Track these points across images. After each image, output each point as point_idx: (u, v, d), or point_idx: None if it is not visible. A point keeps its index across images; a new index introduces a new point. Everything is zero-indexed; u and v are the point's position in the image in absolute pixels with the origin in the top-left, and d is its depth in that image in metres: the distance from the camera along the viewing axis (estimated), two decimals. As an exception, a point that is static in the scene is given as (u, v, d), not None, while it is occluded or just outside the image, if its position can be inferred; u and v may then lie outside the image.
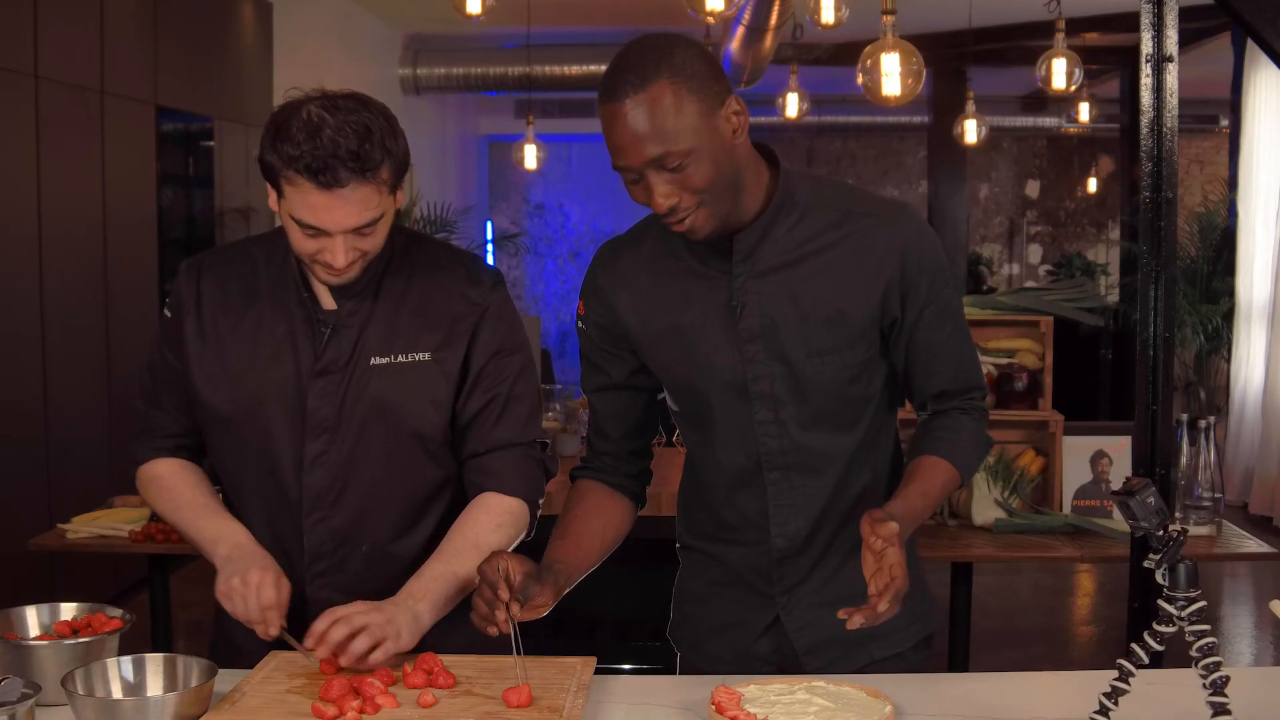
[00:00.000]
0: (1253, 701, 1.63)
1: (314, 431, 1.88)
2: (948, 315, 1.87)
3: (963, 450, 1.88)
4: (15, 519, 4.64)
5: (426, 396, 1.90)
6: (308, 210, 1.74)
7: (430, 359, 1.90)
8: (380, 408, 1.88)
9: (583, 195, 13.09)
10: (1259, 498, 7.43)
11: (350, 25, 8.50)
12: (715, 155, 1.71)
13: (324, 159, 1.71)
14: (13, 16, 4.91)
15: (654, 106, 1.67)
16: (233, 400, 1.90)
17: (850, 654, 1.90)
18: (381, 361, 1.89)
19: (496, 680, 1.71)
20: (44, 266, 5.11)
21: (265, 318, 1.91)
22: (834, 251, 1.83)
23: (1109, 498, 3.47)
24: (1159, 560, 1.46)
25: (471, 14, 5.11)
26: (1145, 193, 2.59)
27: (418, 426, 1.90)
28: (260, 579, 1.79)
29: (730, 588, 1.96)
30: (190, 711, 1.58)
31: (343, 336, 1.89)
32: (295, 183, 1.73)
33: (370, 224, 1.78)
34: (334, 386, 1.88)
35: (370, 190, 1.75)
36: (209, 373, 1.91)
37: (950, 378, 1.90)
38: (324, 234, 1.76)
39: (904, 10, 4.92)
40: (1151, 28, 2.53)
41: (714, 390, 1.86)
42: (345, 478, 1.89)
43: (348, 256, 1.79)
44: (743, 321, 1.83)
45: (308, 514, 1.89)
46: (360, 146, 1.72)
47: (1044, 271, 13.29)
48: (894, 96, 4.58)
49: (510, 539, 1.91)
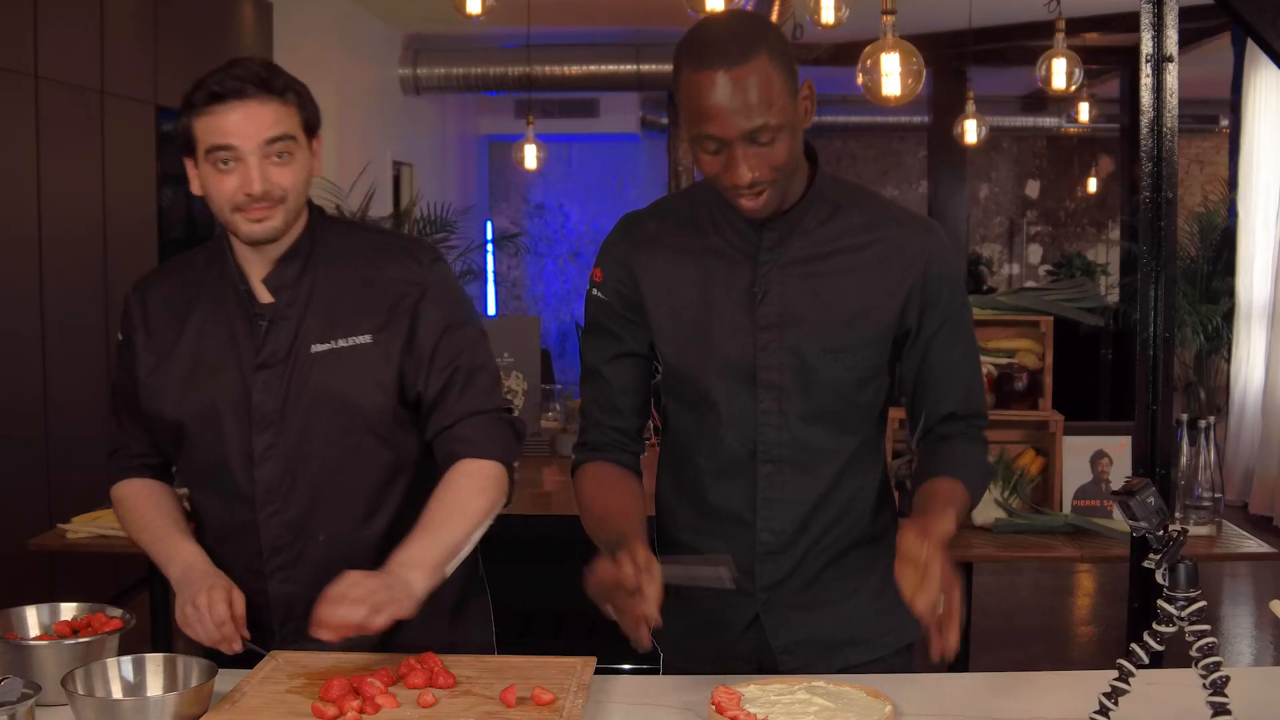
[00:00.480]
0: (1253, 701, 1.63)
1: (260, 425, 1.89)
2: (962, 335, 1.88)
3: (974, 477, 1.88)
4: (15, 519, 4.64)
5: (370, 379, 1.90)
6: (218, 132, 1.80)
7: (371, 341, 1.90)
8: (324, 395, 1.89)
9: (583, 195, 13.09)
10: (1259, 498, 7.43)
11: (350, 25, 8.50)
12: (795, 134, 1.73)
13: (230, 80, 1.80)
14: (13, 16, 4.91)
15: (757, 76, 1.66)
16: (182, 407, 1.92)
17: (826, 657, 1.90)
18: (322, 348, 1.90)
19: (496, 680, 1.71)
20: (44, 266, 5.11)
21: (208, 322, 1.94)
22: (861, 254, 1.84)
23: (1109, 498, 3.47)
24: (1159, 560, 1.46)
25: (471, 14, 5.11)
26: (1145, 193, 2.59)
27: (363, 410, 1.90)
28: (209, 599, 1.80)
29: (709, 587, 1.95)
30: (190, 711, 1.58)
31: (281, 328, 1.90)
32: (205, 113, 1.81)
33: (281, 142, 1.82)
34: (276, 379, 1.89)
35: (278, 106, 1.82)
36: (160, 385, 1.94)
37: (961, 400, 1.89)
38: (238, 159, 1.81)
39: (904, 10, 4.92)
40: (1151, 28, 2.53)
41: (719, 373, 1.85)
42: (295, 469, 1.90)
43: (264, 184, 1.81)
44: (762, 309, 1.83)
45: (260, 508, 1.91)
46: (266, 72, 1.82)
47: (1044, 271, 13.29)
48: (894, 96, 4.57)
49: (493, 502, 1.91)
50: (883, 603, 1.93)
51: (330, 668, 1.75)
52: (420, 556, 1.81)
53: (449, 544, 1.84)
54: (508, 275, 13.02)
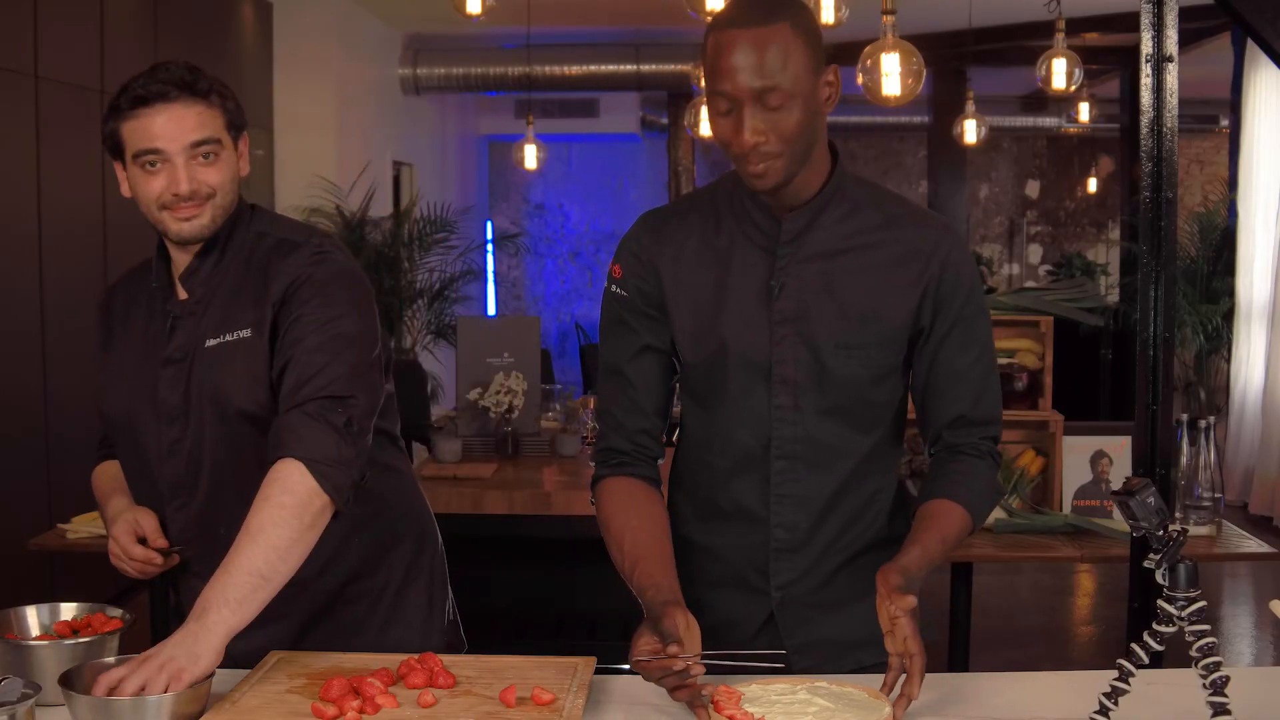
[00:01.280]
0: (1253, 701, 1.63)
1: (165, 420, 1.93)
2: (975, 339, 1.87)
3: (979, 499, 1.86)
4: (15, 519, 4.64)
5: (245, 373, 1.89)
6: (145, 136, 1.83)
7: (251, 335, 1.90)
8: (214, 390, 1.91)
9: (583, 195, 13.08)
10: (1259, 498, 7.43)
11: (350, 25, 8.50)
12: (809, 110, 1.75)
13: (154, 84, 1.82)
14: (13, 16, 4.91)
15: (774, 40, 1.71)
16: (113, 402, 2.00)
17: (838, 658, 1.90)
18: (214, 343, 1.92)
19: (496, 680, 1.71)
20: (44, 266, 5.11)
21: (138, 322, 2.01)
22: (878, 251, 1.84)
23: (1109, 498, 3.47)
24: (1159, 560, 1.46)
25: (471, 14, 5.11)
26: (1145, 193, 2.59)
27: (240, 404, 1.89)
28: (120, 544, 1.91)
29: (725, 587, 1.94)
30: (187, 710, 1.58)
31: (187, 324, 1.94)
32: (132, 117, 1.83)
33: (207, 144, 1.84)
34: (179, 374, 1.92)
35: (203, 109, 1.85)
36: (103, 383, 2.03)
37: (970, 404, 1.87)
38: (165, 160, 1.83)
39: (904, 10, 4.92)
40: (1151, 28, 2.53)
41: (735, 367, 1.86)
42: (197, 463, 1.93)
43: (191, 184, 1.84)
44: (778, 303, 1.83)
45: (168, 502, 1.95)
46: (189, 74, 1.84)
47: (1044, 271, 13.29)
48: (894, 96, 4.57)
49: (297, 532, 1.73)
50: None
51: (330, 668, 1.75)
52: (225, 594, 1.68)
53: (258, 575, 1.70)
54: (508, 275, 13.02)
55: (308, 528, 1.75)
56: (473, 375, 4.26)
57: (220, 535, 1.90)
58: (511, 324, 4.54)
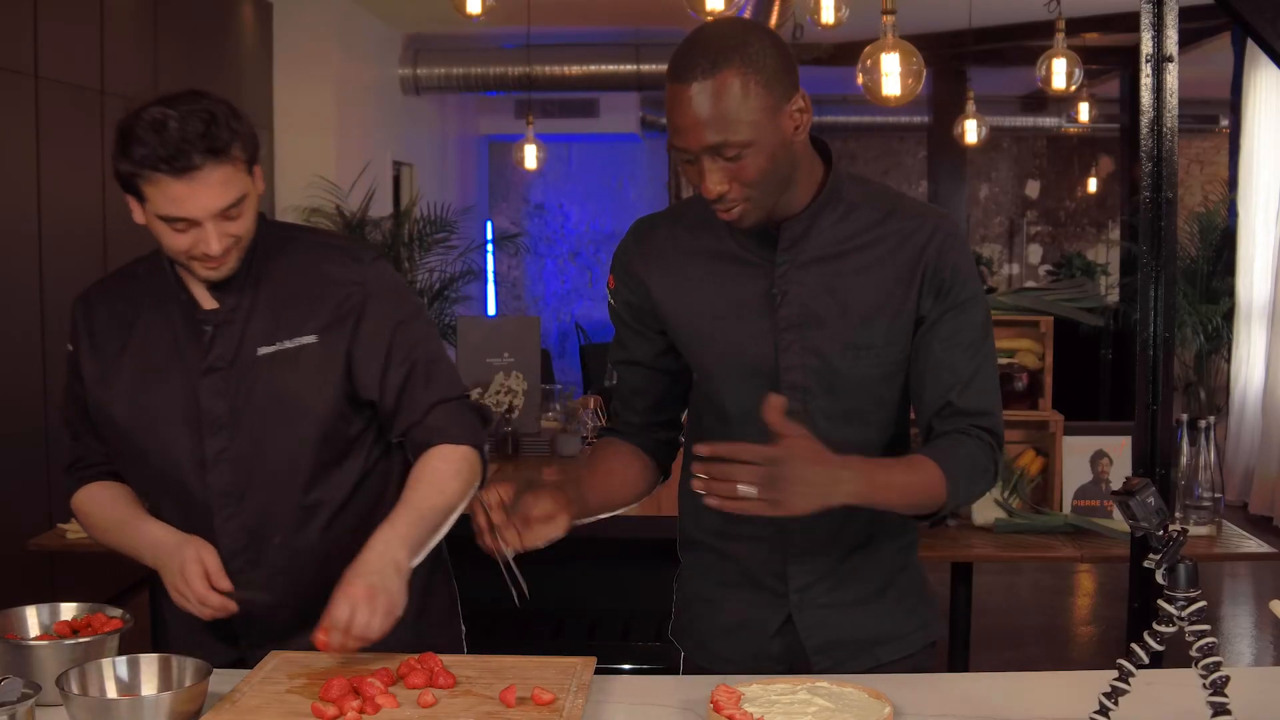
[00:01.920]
0: (1253, 701, 1.63)
1: (211, 429, 1.90)
2: (967, 327, 1.82)
3: (953, 465, 1.77)
4: (15, 519, 4.64)
5: (317, 378, 1.91)
6: (170, 203, 1.78)
7: (316, 341, 1.91)
8: (274, 396, 1.90)
9: (583, 195, 13.08)
10: (1259, 498, 7.42)
11: (350, 25, 8.50)
12: (773, 150, 1.70)
13: (174, 147, 1.75)
14: (13, 16, 4.91)
15: (720, 93, 1.65)
16: (129, 413, 1.93)
17: (857, 656, 1.90)
18: (269, 350, 1.90)
19: (496, 680, 1.71)
20: (44, 266, 5.11)
21: (151, 330, 1.94)
22: (875, 250, 1.82)
23: (1109, 498, 3.46)
24: (1159, 560, 1.46)
25: (471, 14, 5.11)
26: (1145, 193, 2.59)
27: (311, 409, 1.91)
28: (184, 572, 1.83)
29: (740, 588, 1.94)
30: (185, 710, 1.58)
31: (226, 333, 1.91)
32: (153, 180, 1.77)
33: (235, 205, 1.81)
34: (224, 382, 1.90)
35: (227, 169, 1.79)
36: (106, 391, 1.95)
37: (959, 392, 1.82)
38: (193, 224, 1.80)
39: (904, 10, 4.92)
40: (1151, 28, 2.53)
41: (741, 376, 1.85)
42: (248, 472, 1.91)
43: (222, 243, 1.81)
44: (781, 310, 1.82)
45: (217, 513, 1.91)
46: (207, 129, 1.77)
47: (1044, 271, 13.29)
48: (894, 96, 4.58)
49: (468, 484, 1.94)
50: (910, 600, 1.94)
51: (330, 668, 1.75)
52: (406, 534, 1.84)
53: (431, 522, 1.88)
54: (508, 275, 13.01)
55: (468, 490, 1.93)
56: (473, 375, 4.26)
57: (274, 544, 1.92)
58: (511, 324, 4.54)
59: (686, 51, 1.69)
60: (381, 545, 1.81)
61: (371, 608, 1.74)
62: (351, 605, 1.74)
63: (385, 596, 1.76)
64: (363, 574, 1.78)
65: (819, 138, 1.84)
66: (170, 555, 1.87)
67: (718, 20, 1.75)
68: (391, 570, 1.79)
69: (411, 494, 1.89)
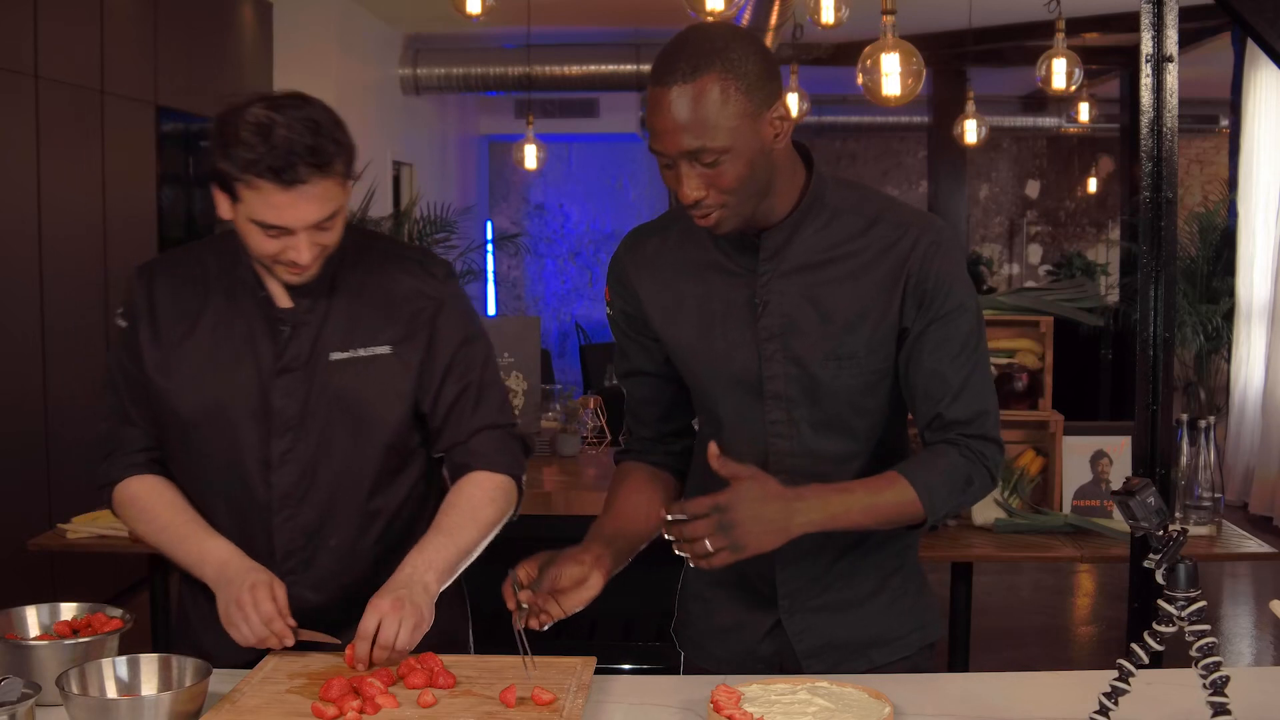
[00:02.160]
0: (1253, 701, 1.63)
1: (279, 429, 1.89)
2: (955, 336, 1.79)
3: (933, 480, 1.76)
4: (15, 519, 4.64)
5: (389, 389, 1.92)
6: (270, 211, 1.75)
7: (390, 352, 1.92)
8: (343, 402, 1.90)
9: (583, 195, 13.08)
10: (1259, 498, 7.43)
11: (350, 25, 8.50)
12: (751, 157, 1.69)
13: (283, 157, 1.72)
14: (13, 16, 4.91)
15: (699, 98, 1.64)
16: (195, 404, 1.90)
17: (850, 659, 1.90)
18: (341, 356, 1.90)
19: (496, 680, 1.71)
20: (44, 266, 5.11)
21: (221, 319, 1.91)
22: (859, 258, 1.80)
23: (1109, 498, 3.46)
24: (1159, 560, 1.46)
25: (471, 14, 5.11)
26: (1145, 193, 2.58)
27: (381, 418, 1.92)
28: (254, 596, 1.78)
29: (733, 589, 1.95)
30: (185, 710, 1.58)
31: (302, 334, 1.90)
32: (255, 185, 1.74)
33: (330, 217, 1.80)
34: (297, 384, 1.89)
35: (330, 184, 1.77)
36: (168, 379, 1.91)
37: (948, 404, 1.79)
38: (286, 233, 1.78)
39: (904, 10, 4.93)
40: (1151, 28, 2.53)
41: (728, 386, 1.85)
42: (312, 474, 1.90)
43: (311, 253, 1.80)
44: (763, 320, 1.81)
45: (277, 512, 1.90)
46: (315, 140, 1.74)
47: (1044, 271, 13.29)
48: (894, 96, 4.58)
49: (502, 512, 1.95)
50: (906, 602, 1.94)
51: (330, 668, 1.75)
52: (435, 559, 1.85)
53: (462, 547, 1.89)
54: (508, 275, 13.01)
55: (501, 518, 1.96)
56: (473, 375, 4.25)
57: (330, 547, 1.92)
58: (511, 324, 4.53)
59: (669, 55, 1.68)
60: (410, 569, 1.83)
61: (398, 619, 1.75)
62: (379, 616, 1.75)
63: (413, 610, 1.77)
64: (391, 589, 1.80)
65: (801, 143, 1.82)
66: (240, 576, 1.82)
67: (703, 25, 1.73)
68: (420, 590, 1.80)
69: (445, 519, 1.90)
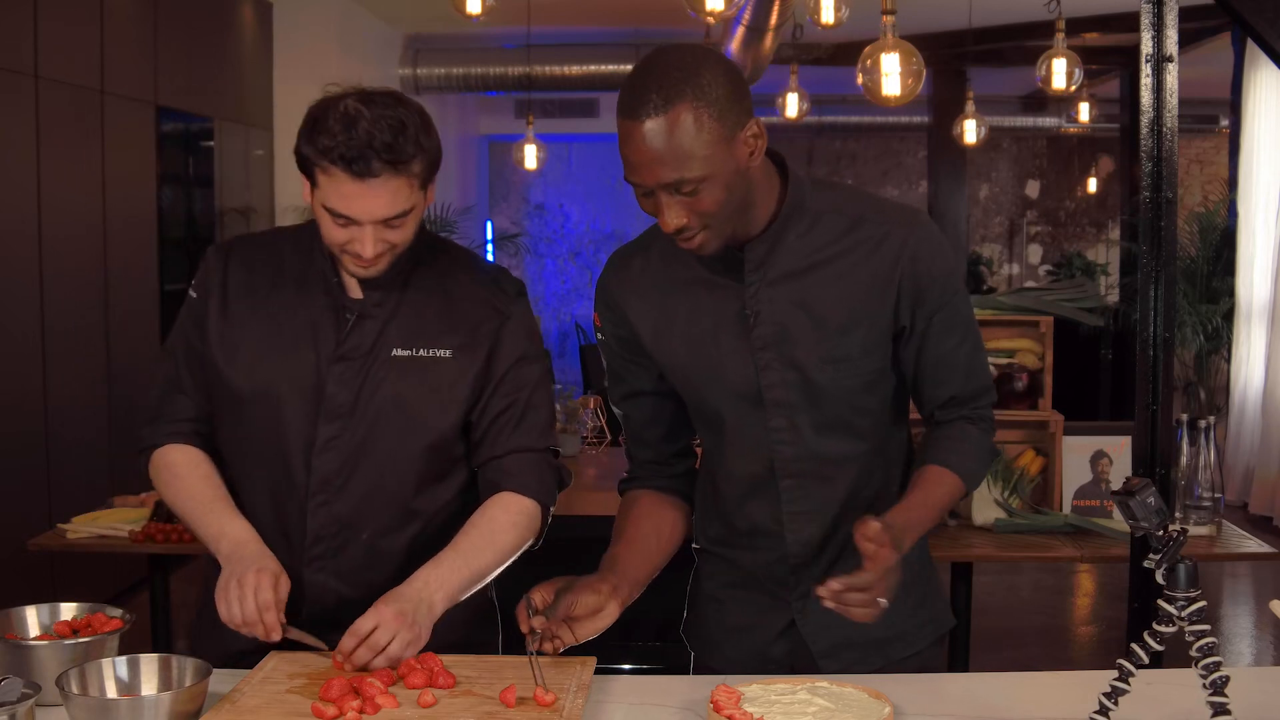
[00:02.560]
0: (1253, 702, 1.63)
1: (329, 416, 1.89)
2: (957, 322, 1.85)
3: (968, 460, 1.86)
4: (15, 519, 4.64)
5: (444, 393, 1.92)
6: (340, 199, 1.77)
7: (451, 357, 1.92)
8: (397, 399, 1.90)
9: (583, 195, 13.09)
10: (1259, 498, 7.43)
11: (350, 25, 8.50)
12: (728, 180, 1.69)
13: (359, 149, 1.74)
14: (13, 16, 4.91)
15: (673, 131, 1.64)
16: (249, 382, 1.91)
17: (867, 656, 1.91)
18: (403, 354, 1.91)
19: (496, 680, 1.71)
20: (44, 266, 5.11)
21: (288, 304, 1.93)
22: (845, 259, 1.81)
23: (1109, 498, 3.46)
24: (1159, 560, 1.46)
25: (471, 14, 5.11)
26: (1145, 193, 2.58)
27: (431, 421, 1.92)
28: (257, 580, 1.79)
29: (745, 590, 1.96)
30: (185, 710, 1.58)
31: (367, 325, 1.91)
32: (329, 172, 1.76)
33: (399, 216, 1.80)
34: (353, 373, 1.90)
35: (402, 183, 1.78)
36: (228, 353, 1.93)
37: (960, 384, 1.88)
38: (354, 223, 1.79)
39: (904, 10, 4.92)
40: (1151, 28, 2.53)
41: (726, 399, 1.86)
42: (354, 464, 1.90)
43: (376, 248, 1.81)
44: (756, 330, 1.82)
45: (313, 497, 1.90)
46: (395, 139, 1.76)
47: (1044, 271, 13.29)
48: (894, 96, 4.57)
49: (523, 539, 1.94)
50: (917, 596, 1.94)
51: (330, 668, 1.75)
52: (447, 579, 1.84)
53: (476, 571, 1.88)
54: (508, 275, 13.00)
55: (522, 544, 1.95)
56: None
57: (362, 540, 1.92)
58: (511, 324, 4.52)
59: (637, 86, 1.66)
60: (420, 584, 1.82)
61: (394, 631, 1.75)
62: (378, 620, 1.75)
63: (413, 628, 1.76)
64: (397, 599, 1.79)
65: (774, 150, 1.82)
66: (250, 559, 1.82)
67: (668, 50, 1.71)
68: (424, 609, 1.80)
69: (464, 540, 1.90)
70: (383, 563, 1.94)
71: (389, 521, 1.94)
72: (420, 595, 1.80)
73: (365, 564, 1.93)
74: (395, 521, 1.94)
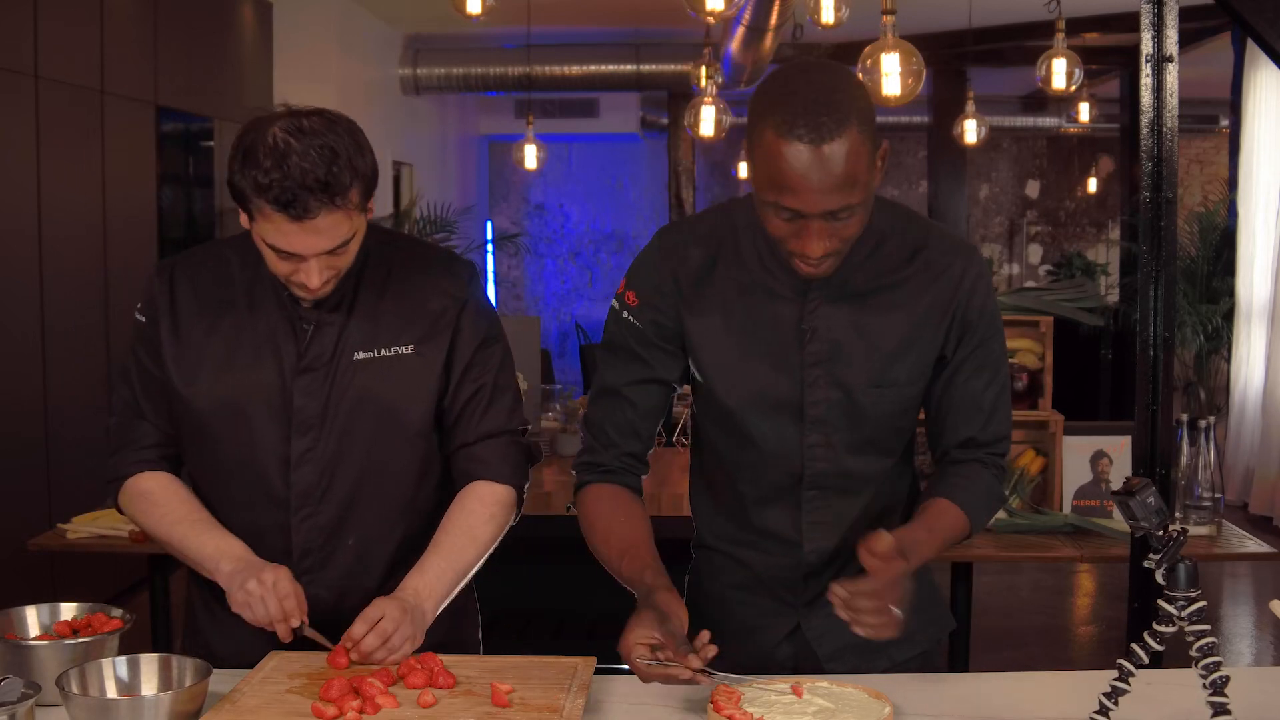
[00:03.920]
0: (1253, 702, 1.63)
1: (300, 428, 1.88)
2: (990, 363, 1.87)
3: (975, 501, 1.85)
4: (15, 519, 4.64)
5: (412, 389, 1.92)
6: (279, 237, 1.76)
7: (413, 352, 1.92)
8: (366, 402, 1.89)
9: (583, 195, 13.08)
10: (1259, 498, 7.43)
11: (350, 25, 8.50)
12: (868, 203, 1.67)
13: (292, 190, 1.71)
14: (13, 16, 4.91)
15: (847, 153, 1.57)
16: (213, 401, 1.89)
17: (871, 659, 1.90)
18: (364, 356, 1.90)
19: (497, 680, 1.71)
20: (44, 266, 5.11)
21: (243, 319, 1.91)
22: (905, 288, 1.81)
23: (1109, 498, 3.46)
24: (1159, 560, 1.46)
25: (471, 14, 5.10)
26: (1145, 193, 2.58)
27: (404, 418, 1.92)
28: (275, 576, 1.80)
29: (751, 592, 1.95)
30: (185, 710, 1.58)
31: (325, 333, 1.90)
32: (265, 212, 1.74)
33: (342, 245, 1.79)
34: (318, 383, 1.89)
35: (340, 215, 1.76)
36: (186, 375, 1.90)
37: (980, 426, 1.87)
38: (297, 258, 1.78)
39: (904, 10, 4.92)
40: (1151, 28, 2.53)
41: (765, 408, 1.84)
42: (332, 473, 1.90)
43: (322, 276, 1.80)
44: (810, 345, 1.81)
45: (295, 511, 1.90)
46: (328, 172, 1.72)
47: (1044, 271, 13.29)
48: (894, 96, 4.57)
49: (501, 528, 1.96)
50: (919, 597, 1.93)
51: (330, 668, 1.75)
52: (435, 587, 1.86)
53: (460, 570, 1.90)
54: (508, 275, 13.02)
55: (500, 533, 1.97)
56: (473, 375, 4.25)
57: (348, 546, 1.92)
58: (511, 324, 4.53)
59: (801, 105, 1.58)
60: (411, 594, 1.83)
61: (398, 620, 1.77)
62: (383, 610, 1.77)
63: (410, 626, 1.79)
64: (397, 599, 1.81)
65: None
66: (254, 569, 1.81)
67: (811, 67, 1.63)
68: (418, 616, 1.82)
69: (445, 539, 1.90)
70: (371, 567, 1.94)
71: (374, 525, 1.94)
72: (413, 604, 1.82)
73: (353, 570, 1.93)
74: (380, 525, 1.94)
